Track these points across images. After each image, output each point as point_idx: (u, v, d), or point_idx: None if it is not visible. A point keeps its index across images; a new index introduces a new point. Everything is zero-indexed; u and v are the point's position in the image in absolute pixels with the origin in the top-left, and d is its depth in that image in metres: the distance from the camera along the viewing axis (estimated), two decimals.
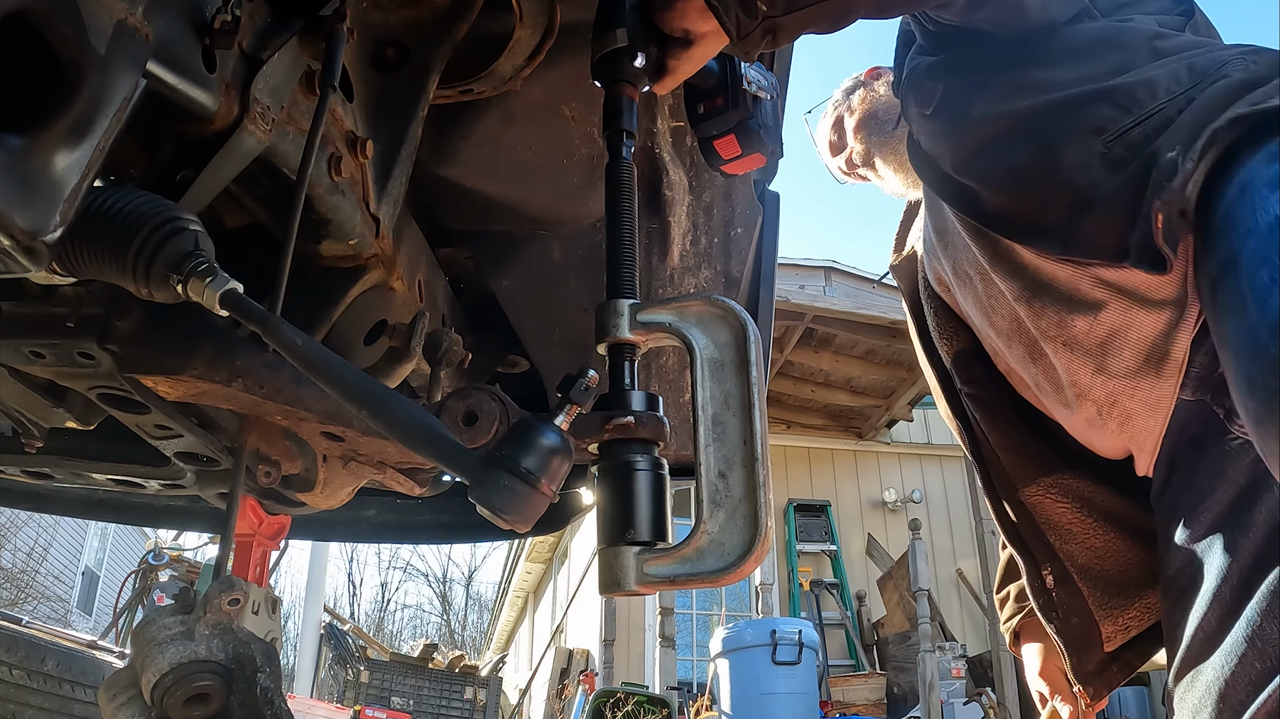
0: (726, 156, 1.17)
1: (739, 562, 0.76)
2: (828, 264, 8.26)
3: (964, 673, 7.02)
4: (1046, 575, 1.34)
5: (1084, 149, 1.11)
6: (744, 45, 0.98)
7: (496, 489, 0.75)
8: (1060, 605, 1.33)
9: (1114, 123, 1.10)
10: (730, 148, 1.16)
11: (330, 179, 1.02)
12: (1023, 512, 1.36)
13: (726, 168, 1.19)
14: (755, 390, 0.81)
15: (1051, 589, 1.34)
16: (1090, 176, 1.10)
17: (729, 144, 1.15)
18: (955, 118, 1.28)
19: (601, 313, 0.88)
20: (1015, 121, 1.20)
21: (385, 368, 1.30)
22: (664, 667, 6.80)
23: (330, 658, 8.53)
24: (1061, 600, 1.33)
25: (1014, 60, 1.25)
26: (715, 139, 1.16)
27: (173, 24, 0.77)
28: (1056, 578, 1.33)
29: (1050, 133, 1.16)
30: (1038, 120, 1.18)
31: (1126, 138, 1.08)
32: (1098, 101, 1.13)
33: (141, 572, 5.92)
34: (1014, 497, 1.36)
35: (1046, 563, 1.34)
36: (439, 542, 2.29)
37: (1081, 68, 1.18)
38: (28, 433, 1.20)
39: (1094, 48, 1.21)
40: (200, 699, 0.95)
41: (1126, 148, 1.08)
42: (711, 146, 1.17)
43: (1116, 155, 1.08)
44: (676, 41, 1.01)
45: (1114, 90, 1.12)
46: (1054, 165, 1.13)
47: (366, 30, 1.10)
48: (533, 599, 16.29)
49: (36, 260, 0.65)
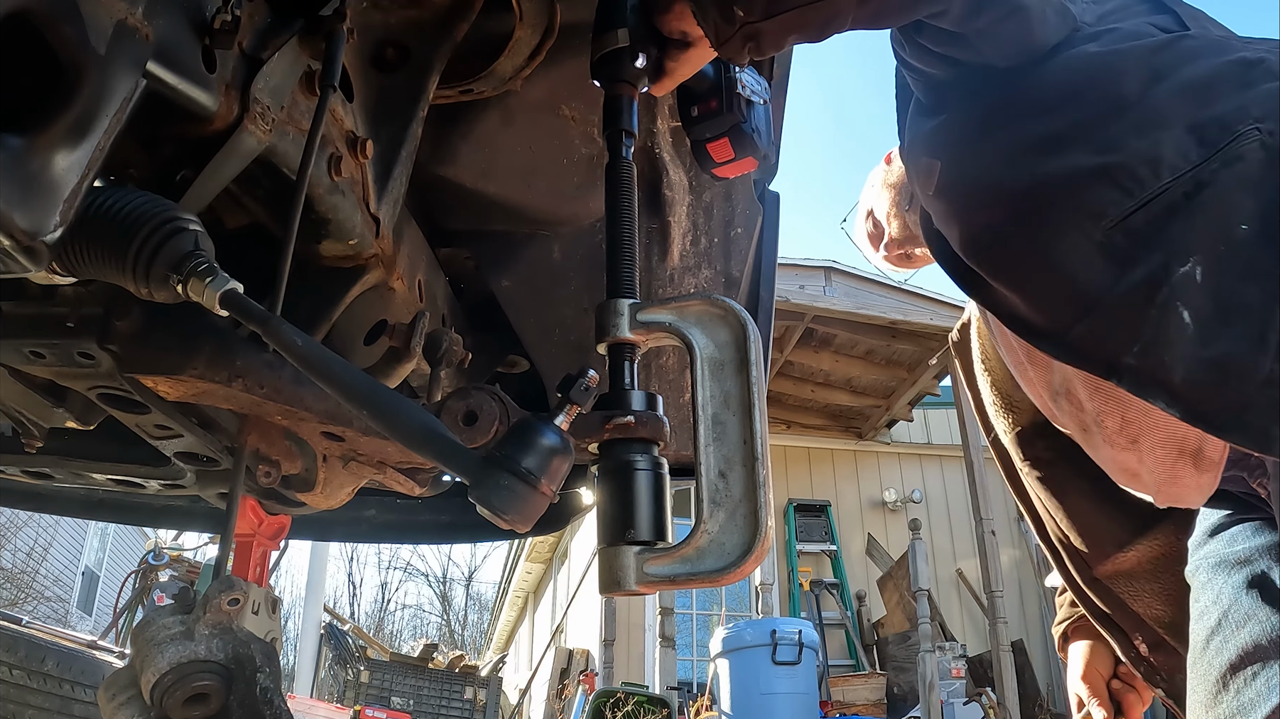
0: (719, 160, 1.17)
1: (739, 561, 0.76)
2: (828, 264, 8.25)
3: (964, 673, 7.02)
4: (1139, 645, 1.34)
5: (1082, 236, 1.03)
6: (726, 51, 0.98)
7: (496, 489, 0.75)
8: (1161, 668, 1.33)
9: (1114, 206, 1.01)
10: (723, 151, 1.16)
11: (330, 179, 1.02)
12: (1101, 588, 1.35)
13: (719, 171, 1.19)
14: (755, 390, 0.81)
15: (1148, 656, 1.33)
16: (1090, 271, 1.02)
17: (722, 147, 1.15)
18: (956, 199, 1.21)
19: (601, 312, 0.88)
20: (1013, 202, 1.12)
21: (385, 368, 1.30)
22: (664, 667, 6.80)
23: (330, 658, 8.53)
24: (1160, 663, 1.33)
25: (1009, 111, 1.16)
26: (709, 142, 1.16)
27: (173, 24, 0.77)
28: (1149, 643, 1.33)
29: (1047, 215, 1.07)
30: (1034, 201, 1.09)
31: (1128, 224, 1.00)
32: (1096, 182, 1.04)
33: (141, 572, 5.93)
34: (1090, 576, 1.35)
35: (1136, 632, 1.34)
36: (439, 542, 2.29)
37: (1077, 110, 1.10)
38: (28, 433, 1.20)
39: (1089, 83, 1.12)
40: (200, 699, 0.95)
41: (1128, 236, 1.00)
42: (705, 149, 1.17)
43: (1117, 245, 1.00)
44: (674, 43, 1.01)
45: (1113, 169, 1.03)
46: (1051, 255, 1.06)
47: (366, 30, 1.10)
48: (533, 599, 16.29)
49: (36, 260, 0.65)
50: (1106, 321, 1.01)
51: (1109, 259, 1.00)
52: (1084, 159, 1.05)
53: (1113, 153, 1.04)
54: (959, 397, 7.52)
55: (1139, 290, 0.98)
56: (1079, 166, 1.05)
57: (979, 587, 8.35)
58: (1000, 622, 6.58)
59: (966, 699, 6.75)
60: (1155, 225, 0.99)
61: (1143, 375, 0.97)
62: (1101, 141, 1.05)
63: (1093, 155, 1.05)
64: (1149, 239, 0.99)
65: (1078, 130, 1.08)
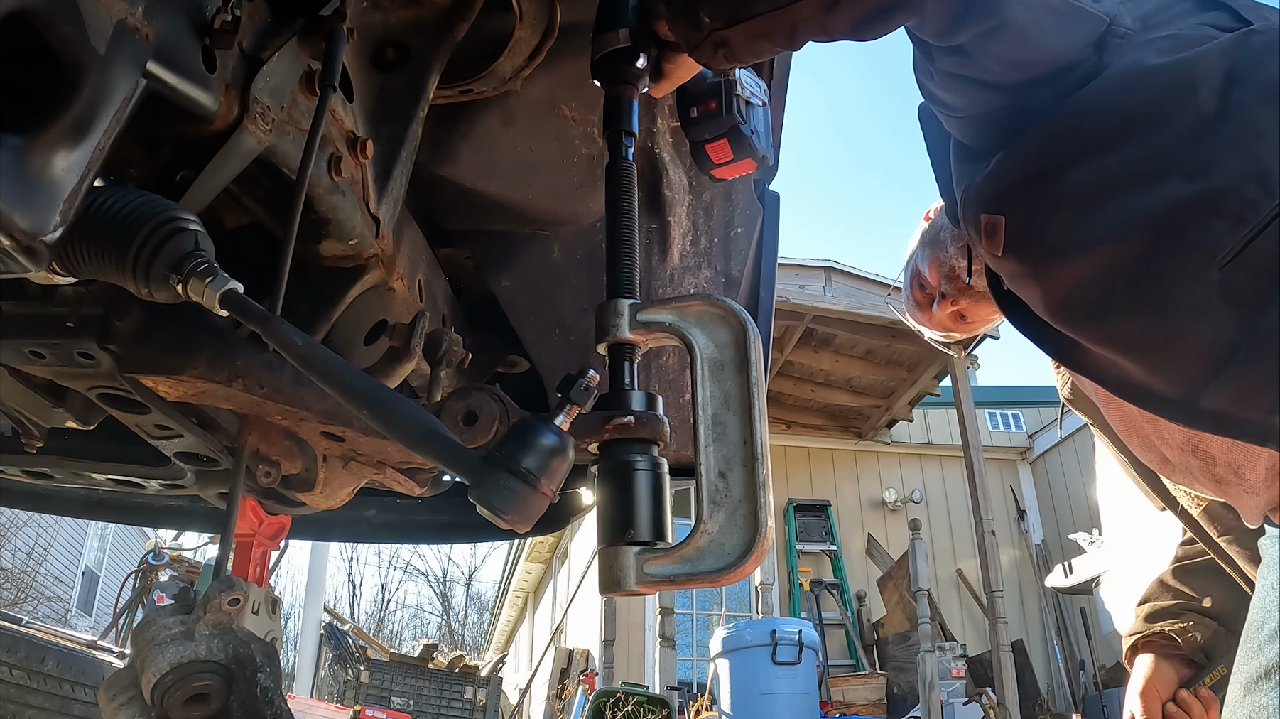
0: (718, 161, 1.17)
1: (739, 561, 0.76)
2: (828, 264, 8.26)
3: (964, 673, 7.03)
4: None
5: (1195, 280, 0.89)
6: (699, 57, 0.98)
7: (496, 489, 0.75)
8: None
9: (1227, 238, 0.88)
10: (722, 152, 1.16)
11: (330, 179, 1.03)
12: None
13: (717, 172, 1.19)
14: (755, 390, 0.81)
15: None
16: (1212, 321, 0.89)
17: (720, 148, 1.16)
18: (1032, 258, 1.07)
19: (602, 313, 0.88)
20: (1104, 253, 0.98)
21: (385, 368, 1.30)
22: (664, 667, 6.80)
23: (330, 658, 8.53)
24: None
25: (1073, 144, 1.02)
26: (707, 143, 1.16)
27: (173, 24, 0.77)
28: None
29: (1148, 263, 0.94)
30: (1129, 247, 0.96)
31: (1246, 257, 0.87)
32: (1198, 213, 0.90)
33: (141, 572, 5.93)
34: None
35: None
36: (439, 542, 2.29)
37: (1154, 133, 0.96)
38: (28, 433, 1.20)
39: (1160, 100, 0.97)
40: (200, 699, 0.95)
41: (1249, 272, 0.87)
42: (703, 150, 1.17)
43: (1238, 285, 0.88)
44: (673, 45, 1.02)
45: (1216, 195, 0.90)
46: (1161, 308, 0.93)
47: (366, 30, 1.10)
48: (533, 599, 16.29)
49: (36, 260, 0.65)
50: (1245, 379, 0.89)
51: (1231, 303, 0.89)
52: (1177, 189, 0.93)
53: (1209, 175, 0.91)
54: (959, 396, 7.53)
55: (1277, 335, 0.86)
56: (1174, 198, 0.93)
57: (979, 587, 8.36)
58: (1000, 622, 6.58)
59: (966, 699, 6.75)
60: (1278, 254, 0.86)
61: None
62: (1192, 165, 0.93)
63: (1186, 182, 0.92)
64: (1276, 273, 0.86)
65: (1160, 156, 0.95)
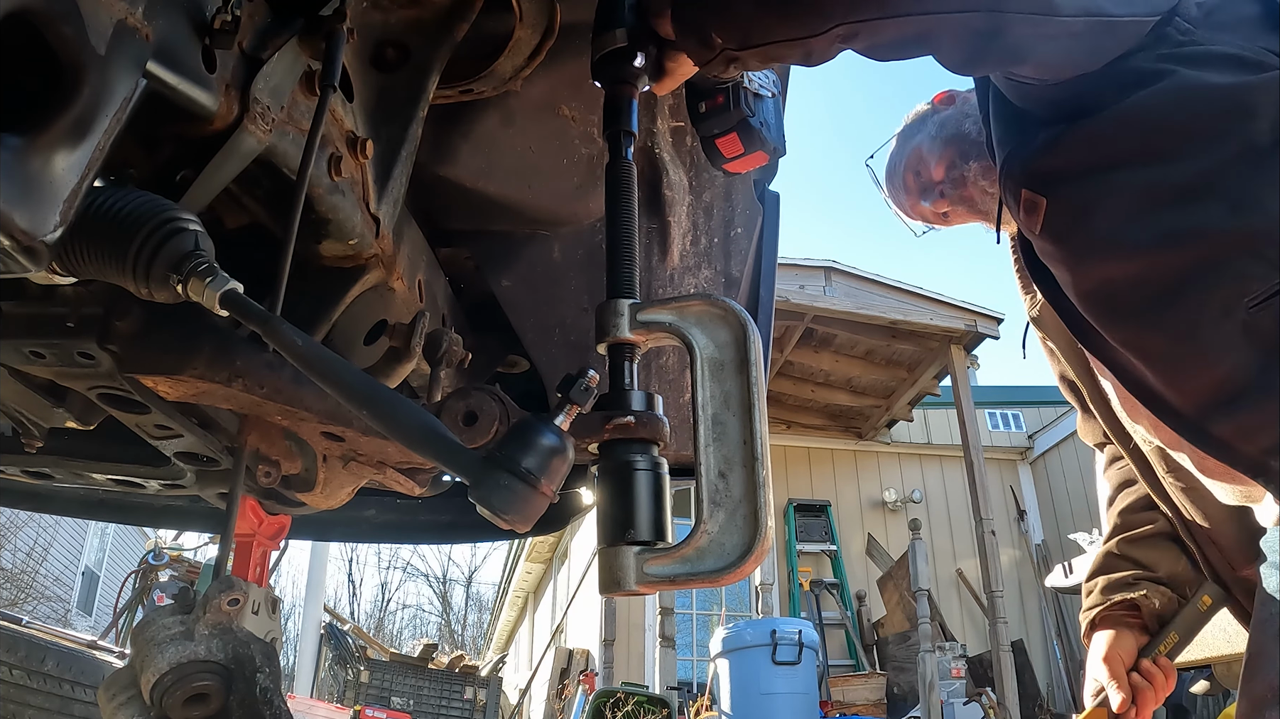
0: (729, 155, 1.17)
1: (739, 561, 0.76)
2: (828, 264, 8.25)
3: (964, 673, 7.02)
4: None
5: (1221, 313, 0.93)
6: (709, 70, 0.99)
7: (496, 489, 0.75)
8: None
9: (1259, 282, 0.90)
10: (732, 146, 1.16)
11: (330, 179, 1.02)
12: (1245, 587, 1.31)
13: (729, 166, 1.19)
14: (755, 390, 0.81)
15: None
16: (1231, 358, 0.93)
17: (731, 142, 1.15)
18: (1069, 246, 1.10)
19: (602, 312, 0.88)
20: (1140, 262, 1.01)
21: (385, 368, 1.30)
22: (664, 667, 6.80)
23: (330, 658, 8.53)
24: None
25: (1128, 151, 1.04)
26: (717, 137, 1.16)
27: (173, 24, 0.77)
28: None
29: (1180, 284, 0.96)
30: (1164, 264, 0.99)
31: (1273, 304, 0.90)
32: (1235, 249, 0.93)
33: (141, 572, 5.93)
34: (1234, 576, 1.33)
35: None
36: (439, 542, 2.29)
37: (1205, 154, 0.98)
38: (28, 433, 1.19)
39: (1215, 120, 0.98)
40: (200, 699, 0.95)
41: (1275, 321, 0.90)
42: (714, 145, 1.17)
43: (1263, 329, 0.90)
44: (671, 44, 1.01)
45: (1255, 236, 0.92)
46: (1185, 330, 0.96)
47: (366, 30, 1.10)
48: (533, 599, 16.29)
49: (36, 260, 0.65)
50: (1251, 418, 0.92)
51: (1253, 344, 0.91)
52: (1219, 218, 0.95)
53: (1252, 213, 0.94)
54: (959, 396, 7.52)
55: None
56: (1215, 228, 0.95)
57: (979, 587, 8.36)
58: (1000, 622, 6.58)
59: (966, 699, 6.75)
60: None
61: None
62: (1237, 196, 0.95)
63: (1229, 214, 0.95)
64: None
65: (1209, 180, 0.97)
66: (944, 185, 1.54)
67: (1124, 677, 1.42)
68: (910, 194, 1.60)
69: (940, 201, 1.55)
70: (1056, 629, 9.28)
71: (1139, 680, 1.42)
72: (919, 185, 1.58)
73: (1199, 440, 1.00)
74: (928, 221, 1.62)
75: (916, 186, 1.58)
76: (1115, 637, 1.47)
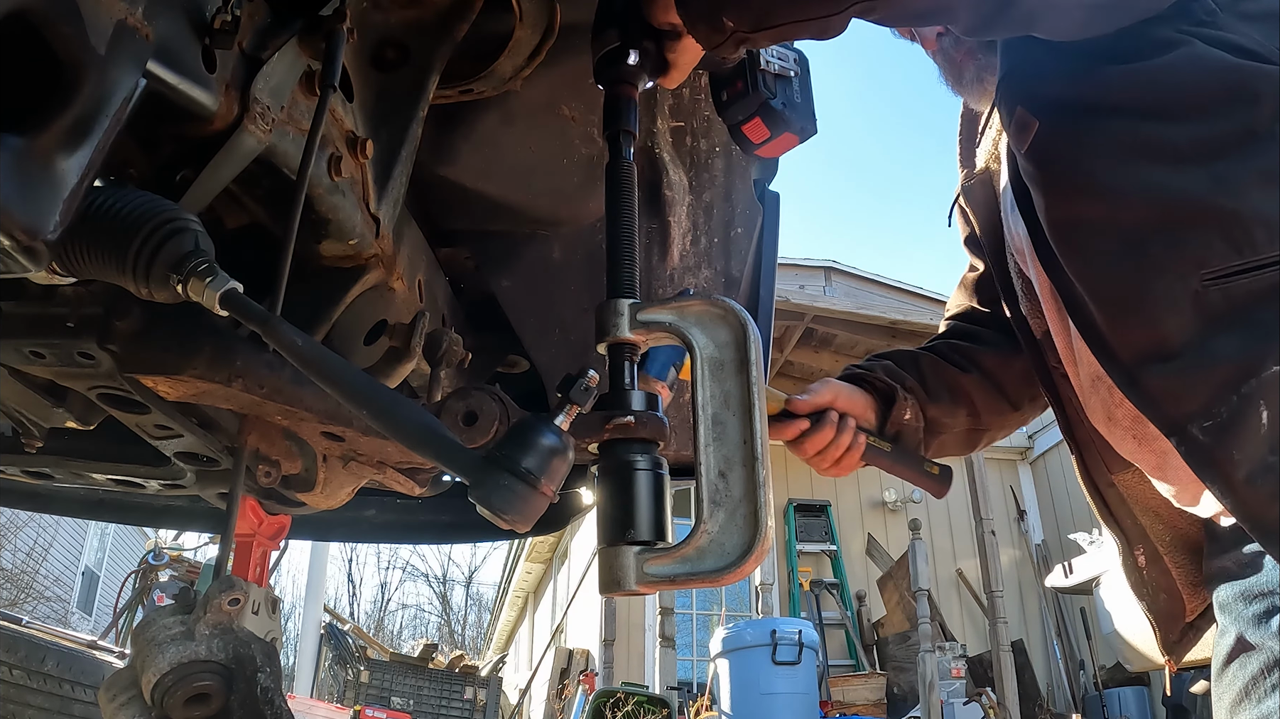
0: (757, 141, 1.15)
1: (739, 561, 0.76)
2: (828, 264, 8.26)
3: (964, 673, 7.02)
4: (1139, 555, 1.34)
5: (1176, 277, 0.97)
6: (719, 54, 0.98)
7: (496, 489, 0.75)
8: (1150, 583, 1.35)
9: (1219, 258, 0.95)
10: (758, 131, 1.14)
11: (330, 179, 1.02)
12: (1115, 494, 1.34)
13: (761, 152, 1.16)
14: (755, 390, 0.81)
15: (1143, 568, 1.34)
16: (1176, 320, 0.97)
17: (756, 128, 1.14)
18: (1050, 173, 1.13)
19: (601, 312, 0.88)
20: (1113, 206, 1.05)
21: (385, 368, 1.30)
22: (664, 667, 6.80)
23: (330, 658, 8.53)
24: (1152, 578, 1.34)
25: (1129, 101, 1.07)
26: (742, 124, 1.14)
27: (173, 24, 0.77)
28: (1148, 557, 1.33)
29: (1145, 238, 1.00)
30: (1134, 214, 1.03)
31: (1229, 286, 0.94)
32: (1204, 221, 0.97)
33: (141, 572, 5.93)
34: (1108, 480, 1.35)
35: (1139, 543, 1.34)
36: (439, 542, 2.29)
37: (1201, 125, 1.01)
38: (28, 433, 1.20)
39: (1217, 96, 1.02)
40: (200, 699, 0.95)
41: (1227, 299, 0.94)
42: (741, 133, 1.15)
43: (1212, 304, 0.94)
44: (668, 34, 1.00)
45: (1225, 215, 0.96)
46: (1138, 282, 1.00)
47: (366, 30, 1.10)
48: (533, 599, 16.29)
49: (36, 260, 0.65)
50: (1180, 381, 0.96)
51: (1199, 314, 0.95)
52: (1201, 188, 0.99)
53: (1230, 193, 0.97)
54: None
55: (1224, 367, 0.93)
56: (1191, 194, 0.99)
57: (979, 587, 8.36)
58: (1000, 622, 6.58)
59: (966, 699, 6.75)
60: (1260, 302, 0.93)
61: (1204, 454, 0.94)
62: (1222, 173, 0.99)
63: (1211, 187, 0.98)
64: (1249, 315, 0.93)
65: (1198, 150, 1.00)
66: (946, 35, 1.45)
67: (829, 407, 1.37)
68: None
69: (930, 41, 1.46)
70: (1056, 629, 9.28)
71: (833, 422, 1.37)
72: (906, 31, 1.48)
73: (1129, 389, 1.03)
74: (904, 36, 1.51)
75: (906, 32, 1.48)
76: (852, 388, 1.43)
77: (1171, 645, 1.37)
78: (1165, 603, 1.34)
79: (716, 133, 1.64)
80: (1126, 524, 1.35)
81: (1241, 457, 0.92)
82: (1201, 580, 1.29)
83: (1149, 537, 1.33)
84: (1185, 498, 1.19)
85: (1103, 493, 1.37)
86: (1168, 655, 1.38)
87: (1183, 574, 1.31)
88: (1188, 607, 1.33)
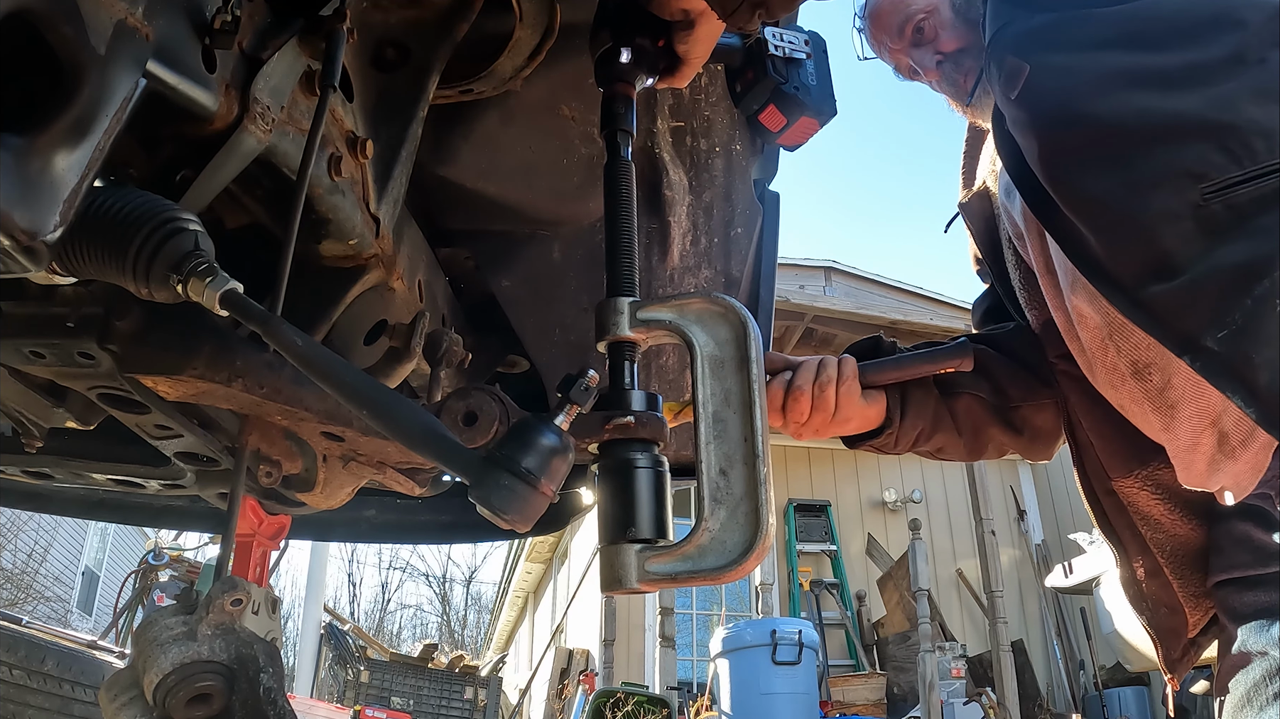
0: (774, 129, 1.14)
1: (740, 559, 0.76)
2: (828, 264, 8.26)
3: (964, 673, 7.02)
4: (1138, 568, 1.31)
5: (1175, 194, 0.96)
6: (735, 21, 0.95)
7: (496, 489, 0.75)
8: (1150, 597, 1.32)
9: (1218, 170, 0.95)
10: (774, 119, 1.13)
11: (330, 179, 1.02)
12: (1115, 502, 1.31)
13: (782, 140, 1.15)
14: (756, 388, 0.81)
15: (1142, 581, 1.31)
16: (1178, 234, 0.96)
17: (772, 115, 1.13)
18: (1041, 112, 1.12)
19: (601, 311, 0.88)
20: (1106, 135, 1.05)
21: (385, 368, 1.30)
22: (664, 667, 6.80)
23: (330, 658, 8.52)
24: (1152, 592, 1.31)
25: (1119, 31, 1.09)
26: (758, 113, 1.13)
27: (173, 24, 0.77)
28: (1147, 570, 1.30)
29: (1141, 160, 1.00)
30: (1129, 139, 1.03)
31: (1230, 196, 0.94)
32: (1201, 137, 0.97)
33: (141, 572, 5.93)
34: (1107, 487, 1.32)
35: (1138, 556, 1.31)
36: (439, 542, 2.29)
37: (1192, 51, 1.02)
38: (28, 433, 1.19)
39: (1209, 24, 1.04)
40: (203, 699, 0.95)
41: (1230, 209, 0.94)
42: (758, 122, 1.14)
43: (1215, 216, 0.94)
44: (679, 25, 1.00)
45: (1223, 129, 0.96)
46: (1137, 203, 0.99)
47: (366, 30, 1.10)
48: (533, 599, 16.28)
49: (36, 260, 0.65)
50: (1188, 294, 0.95)
51: (1202, 227, 0.94)
52: (1195, 106, 0.99)
53: (1226, 109, 0.97)
54: None
55: (1233, 273, 0.92)
56: (1185, 114, 0.99)
57: (979, 587, 8.36)
58: (1000, 622, 6.58)
59: (966, 699, 6.75)
60: (1263, 206, 0.92)
61: (1221, 364, 0.91)
62: (1215, 93, 0.99)
63: (1205, 106, 0.99)
64: (1254, 220, 0.92)
65: (1190, 74, 1.01)
66: (946, 62, 1.48)
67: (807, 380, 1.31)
68: (901, 41, 1.50)
69: (931, 72, 1.49)
70: (1056, 629, 9.28)
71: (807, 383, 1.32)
72: (916, 40, 1.49)
73: (1134, 311, 1.01)
74: (898, 69, 1.54)
75: (913, 40, 1.50)
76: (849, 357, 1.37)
77: (1173, 663, 1.34)
78: (1166, 617, 1.31)
79: (716, 133, 1.64)
80: (1125, 535, 1.32)
81: (1261, 360, 0.89)
82: (1203, 592, 1.26)
83: (1149, 548, 1.30)
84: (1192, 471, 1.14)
85: (1101, 500, 1.35)
86: (1170, 674, 1.34)
87: (1184, 587, 1.28)
88: (1189, 620, 1.29)
